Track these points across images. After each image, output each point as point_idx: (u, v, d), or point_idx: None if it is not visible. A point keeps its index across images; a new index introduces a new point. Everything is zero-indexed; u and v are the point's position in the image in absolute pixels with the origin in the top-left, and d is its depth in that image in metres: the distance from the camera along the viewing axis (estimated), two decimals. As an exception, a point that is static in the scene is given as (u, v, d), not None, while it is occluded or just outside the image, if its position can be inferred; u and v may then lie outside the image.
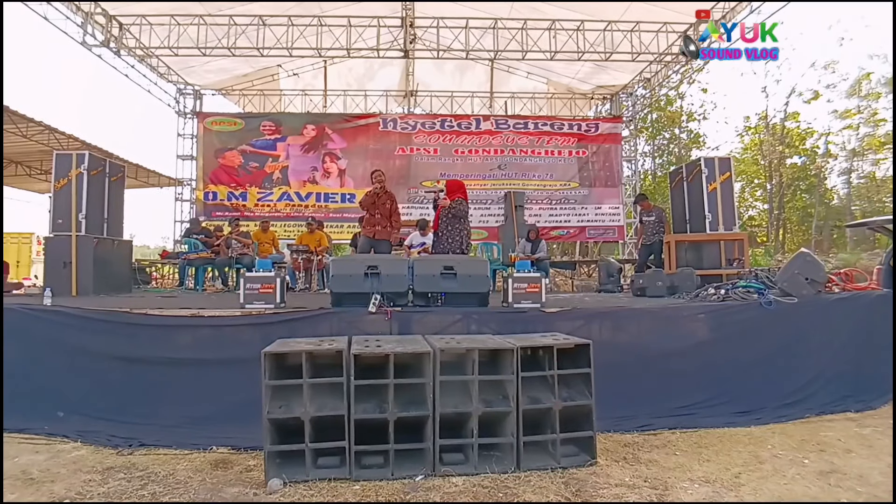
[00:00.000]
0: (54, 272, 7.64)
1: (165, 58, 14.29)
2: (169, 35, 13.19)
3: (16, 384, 5.24)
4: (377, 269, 5.34)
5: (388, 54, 14.15)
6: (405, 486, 3.74)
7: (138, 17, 12.98)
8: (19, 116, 11.02)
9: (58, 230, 7.78)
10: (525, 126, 16.05)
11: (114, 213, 8.46)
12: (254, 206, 15.42)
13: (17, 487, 3.76)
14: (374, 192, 7.99)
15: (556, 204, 15.92)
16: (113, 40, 12.99)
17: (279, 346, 4.05)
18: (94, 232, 7.93)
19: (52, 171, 8.04)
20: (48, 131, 12.03)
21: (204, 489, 3.73)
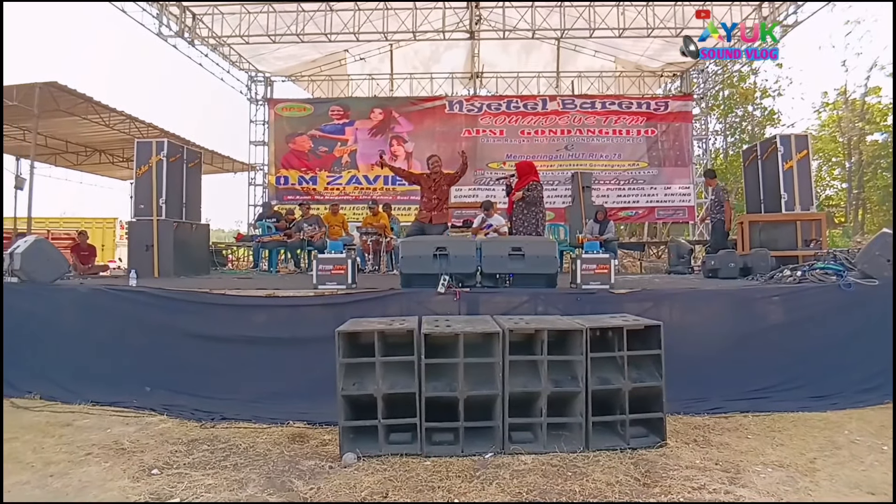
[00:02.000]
0: (137, 255, 8.08)
1: (237, 46, 14.79)
2: (240, 23, 13.64)
3: (106, 360, 5.65)
4: (446, 251, 5.41)
5: (453, 36, 14.11)
6: (475, 462, 3.79)
7: (210, 6, 13.46)
8: (102, 107, 11.64)
9: (140, 215, 8.22)
10: (592, 105, 15.69)
11: (191, 197, 8.86)
12: (324, 190, 15.80)
13: (111, 456, 4.04)
14: (428, 174, 7.90)
15: (624, 184, 15.54)
16: (187, 30, 13.54)
17: (352, 326, 4.18)
18: (174, 216, 8.33)
19: (134, 159, 8.48)
20: (129, 120, 12.66)
21: (282, 461, 3.91)
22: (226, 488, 3.45)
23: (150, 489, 3.44)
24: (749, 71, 25.06)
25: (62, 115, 11.45)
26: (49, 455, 4.04)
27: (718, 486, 3.38)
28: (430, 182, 7.78)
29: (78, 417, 4.95)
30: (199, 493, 3.39)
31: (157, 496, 3.35)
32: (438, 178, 7.78)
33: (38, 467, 3.82)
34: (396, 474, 3.61)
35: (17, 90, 10.00)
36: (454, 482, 3.50)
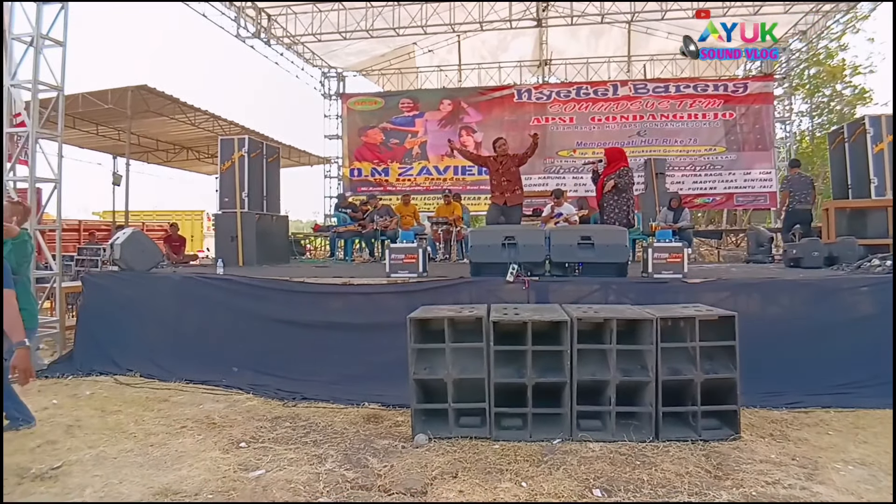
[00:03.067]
0: (223, 245, 8.55)
1: (310, 44, 15.28)
2: (312, 22, 14.09)
3: (198, 342, 6.12)
4: (514, 240, 5.46)
5: (520, 24, 14.02)
6: (543, 448, 3.86)
7: (284, 6, 13.97)
8: (188, 107, 12.32)
9: (225, 207, 8.69)
10: (666, 90, 15.20)
11: (271, 190, 9.28)
12: (395, 181, 16.12)
13: (203, 430, 4.39)
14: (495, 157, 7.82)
15: (700, 170, 15.00)
16: (263, 31, 14.14)
17: (423, 313, 4.32)
18: (256, 208, 8.75)
19: (218, 155, 8.97)
20: (212, 119, 13.33)
21: (358, 439, 4.12)
22: (306, 462, 3.69)
23: (239, 460, 3.73)
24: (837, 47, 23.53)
25: (152, 115, 12.21)
26: (149, 427, 4.45)
27: (794, 482, 3.30)
28: (498, 164, 7.74)
29: (174, 394, 5.40)
30: (283, 465, 3.65)
31: (244, 467, 3.62)
32: (506, 161, 7.72)
33: (140, 437, 4.21)
34: (466, 456, 3.74)
35: (112, 94, 10.74)
36: (522, 465, 3.58)
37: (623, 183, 7.21)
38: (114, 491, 3.30)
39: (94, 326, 6.54)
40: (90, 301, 6.71)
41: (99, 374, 6.04)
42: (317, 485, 3.34)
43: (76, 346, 6.54)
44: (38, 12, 6.64)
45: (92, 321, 6.58)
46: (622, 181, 7.20)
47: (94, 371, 6.09)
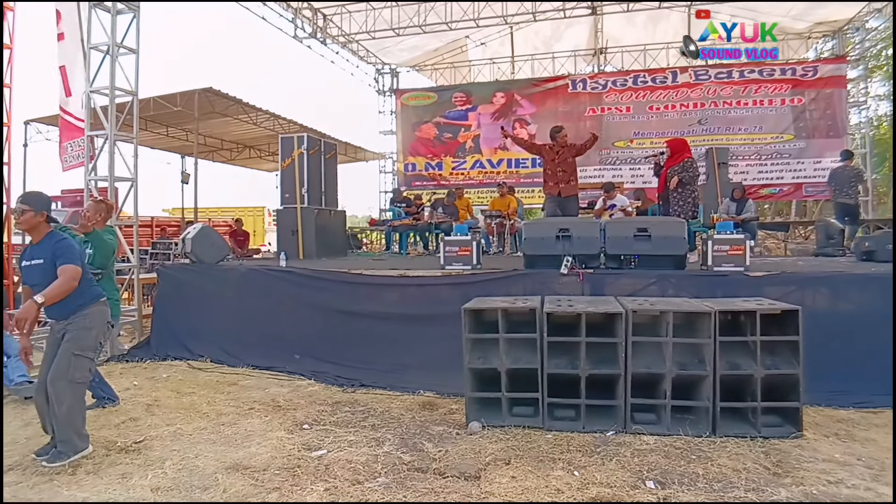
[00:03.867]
0: (285, 239, 8.83)
1: (364, 42, 15.54)
2: (366, 20, 14.35)
3: (262, 331, 6.42)
4: (569, 232, 5.46)
5: (574, 13, 13.84)
6: (596, 439, 3.89)
7: (339, 6, 14.26)
8: (250, 107, 12.72)
9: (286, 203, 8.97)
10: (728, 75, 14.64)
11: (329, 186, 9.51)
12: (449, 175, 16.21)
13: (269, 411, 4.67)
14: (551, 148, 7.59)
15: (766, 159, 14.38)
16: (319, 31, 14.48)
17: (477, 304, 4.40)
18: (315, 204, 9.00)
19: (279, 152, 9.26)
20: (273, 118, 13.72)
21: (414, 425, 4.28)
22: (365, 444, 3.87)
23: (302, 440, 3.96)
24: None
25: (217, 116, 12.69)
26: (220, 408, 4.76)
27: (858, 482, 3.21)
28: (554, 154, 7.50)
29: (241, 378, 5.73)
30: (343, 446, 3.84)
31: (308, 447, 3.83)
32: (563, 151, 7.48)
33: (213, 417, 4.53)
34: (519, 444, 3.82)
35: (180, 97, 11.23)
36: (574, 455, 3.63)
37: (688, 176, 7.06)
38: (190, 464, 3.57)
39: (168, 315, 6.97)
40: (164, 292, 7.14)
41: (173, 359, 6.47)
42: (375, 465, 3.51)
43: (152, 334, 7.00)
44: (113, 22, 7.04)
45: (166, 310, 7.01)
46: (687, 174, 7.05)
47: (169, 356, 6.52)
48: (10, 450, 3.81)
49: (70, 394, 3.54)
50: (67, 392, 3.52)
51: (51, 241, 3.59)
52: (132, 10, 7.21)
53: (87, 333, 3.62)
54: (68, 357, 3.53)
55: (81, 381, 3.64)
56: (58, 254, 3.52)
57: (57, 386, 3.50)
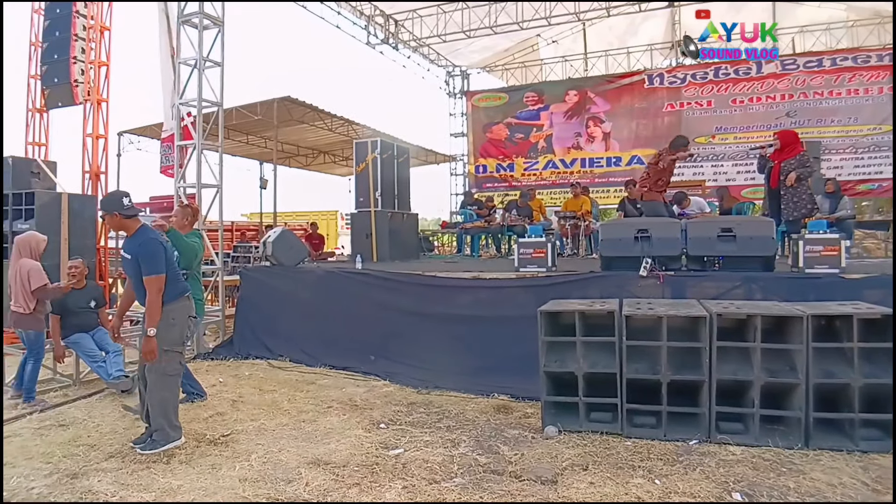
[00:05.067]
0: (359, 242, 9.03)
1: (435, 45, 15.66)
2: (437, 24, 14.47)
3: (339, 331, 6.58)
4: (648, 233, 5.29)
5: (650, 6, 13.44)
6: (678, 448, 3.76)
7: (410, 11, 14.47)
8: (325, 114, 13.08)
9: (360, 207, 9.17)
10: (819, 64, 13.75)
11: (402, 189, 9.67)
12: (521, 176, 16.07)
13: (347, 410, 4.79)
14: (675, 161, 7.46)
15: (863, 152, 13.40)
16: (391, 36, 14.73)
17: (553, 306, 4.35)
18: (388, 207, 9.16)
19: (353, 157, 9.47)
20: (347, 123, 14.07)
21: (489, 428, 4.27)
22: (441, 445, 3.90)
23: (380, 439, 4.04)
24: None
25: (294, 123, 13.15)
26: (300, 405, 4.94)
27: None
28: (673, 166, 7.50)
29: (319, 378, 5.92)
30: (419, 446, 3.89)
31: (385, 445, 3.91)
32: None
33: (294, 414, 4.70)
34: (596, 450, 3.74)
35: (260, 106, 11.68)
36: (655, 463, 3.53)
37: (806, 172, 6.73)
38: (274, 458, 3.72)
39: (249, 316, 7.27)
40: (246, 293, 7.45)
41: (255, 357, 6.74)
42: (451, 466, 3.53)
43: (235, 333, 7.31)
44: (200, 38, 7.41)
45: (248, 311, 7.32)
46: (805, 170, 6.72)
47: (251, 355, 6.80)
48: (110, 439, 4.09)
49: (163, 385, 3.78)
50: (160, 384, 3.77)
51: (137, 238, 3.82)
52: (217, 26, 7.56)
53: (171, 329, 3.82)
54: (159, 353, 3.74)
55: (173, 374, 3.87)
56: (141, 259, 3.74)
57: (151, 378, 3.77)
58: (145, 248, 3.77)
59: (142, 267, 3.72)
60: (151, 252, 3.76)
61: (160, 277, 3.73)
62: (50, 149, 9.88)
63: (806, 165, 6.75)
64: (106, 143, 9.51)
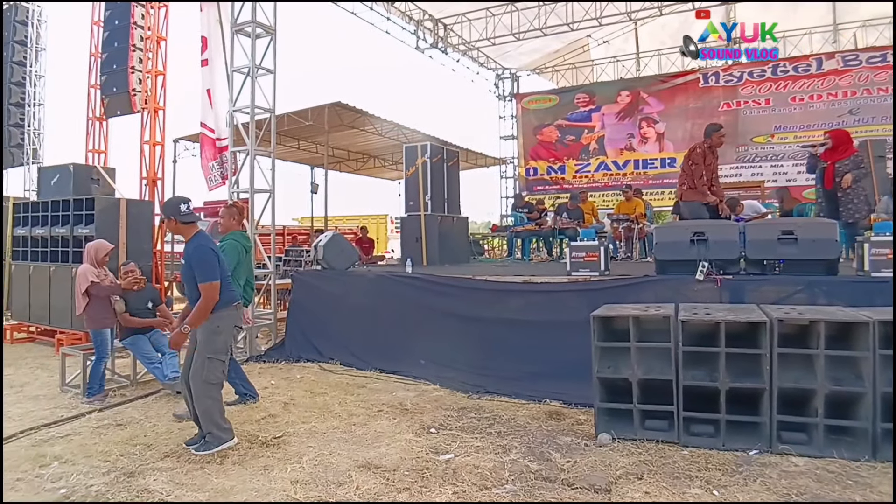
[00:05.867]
0: (409, 245, 9.07)
1: (484, 48, 15.71)
2: (486, 27, 14.51)
3: (389, 335, 6.62)
4: (704, 236, 5.13)
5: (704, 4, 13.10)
6: (737, 458, 3.63)
7: (459, 15, 14.55)
8: (375, 118, 13.23)
9: (410, 210, 9.21)
10: (883, 59, 13.08)
11: (452, 193, 9.67)
12: (572, 178, 15.93)
13: (397, 414, 4.80)
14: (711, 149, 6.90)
15: (931, 150, 12.76)
16: (440, 41, 14.85)
17: (606, 311, 4.26)
18: (438, 211, 9.17)
19: (403, 161, 9.54)
20: (397, 128, 14.18)
21: (540, 434, 4.21)
22: (492, 451, 3.87)
23: (430, 444, 4.04)
24: None
25: (345, 128, 13.34)
26: (351, 408, 4.98)
27: None
28: (712, 157, 6.88)
29: (369, 381, 5.96)
30: (470, 451, 3.87)
31: (435, 450, 3.90)
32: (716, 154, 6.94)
33: (344, 417, 4.75)
34: (652, 459, 3.65)
35: (311, 112, 11.90)
36: (713, 474, 3.42)
37: (861, 173, 6.46)
38: (325, 460, 3.76)
39: (300, 319, 7.40)
40: (298, 296, 7.59)
41: (306, 360, 6.85)
42: (502, 472, 3.50)
43: (286, 336, 7.45)
44: (253, 46, 7.61)
45: (299, 314, 7.45)
46: (861, 171, 6.47)
47: (302, 358, 6.92)
48: (165, 439, 4.22)
49: (205, 393, 3.86)
50: (203, 391, 3.85)
51: (191, 243, 3.95)
52: (269, 34, 7.75)
53: (216, 338, 3.91)
54: (202, 360, 3.85)
55: (215, 382, 3.92)
56: (193, 264, 3.85)
57: (194, 385, 3.86)
58: (197, 254, 3.88)
59: (195, 273, 3.83)
60: (203, 259, 3.86)
61: (213, 285, 3.82)
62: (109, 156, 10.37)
63: (861, 167, 6.51)
64: (162, 150, 9.91)
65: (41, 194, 8.97)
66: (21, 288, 8.69)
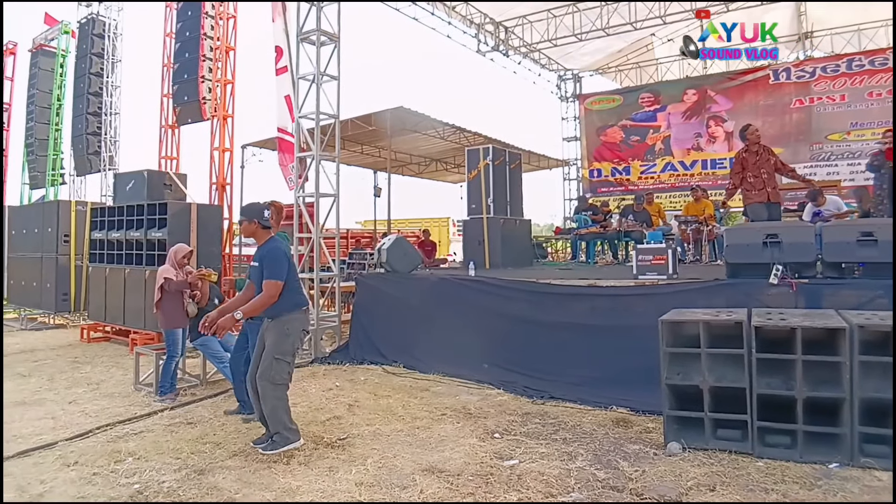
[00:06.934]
0: (471, 249, 9.10)
1: (546, 50, 15.58)
2: (547, 28, 14.41)
3: (452, 339, 6.60)
4: (778, 238, 4.91)
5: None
6: (815, 471, 3.47)
7: (520, 17, 14.50)
8: (438, 122, 13.30)
9: (472, 214, 9.23)
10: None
11: (514, 195, 9.63)
12: (637, 180, 15.59)
13: (461, 418, 4.81)
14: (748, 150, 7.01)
15: None
16: (501, 43, 14.85)
17: (675, 316, 4.15)
18: (500, 213, 9.16)
19: (465, 164, 9.57)
20: (458, 131, 14.23)
21: (607, 441, 4.13)
22: (557, 458, 3.83)
23: (494, 449, 4.03)
24: None
25: (407, 132, 13.49)
26: (414, 412, 5.02)
27: None
28: (756, 157, 6.93)
29: (432, 384, 6.00)
30: (534, 458, 3.84)
31: (499, 456, 3.89)
32: (763, 152, 6.94)
33: (408, 420, 4.79)
34: (725, 470, 3.53)
35: (374, 117, 12.08)
36: (790, 487, 3.28)
37: None
38: (389, 463, 3.81)
39: (364, 321, 7.53)
40: (361, 299, 7.73)
41: (369, 363, 6.97)
42: (568, 480, 3.46)
43: (350, 339, 7.60)
44: (318, 54, 7.82)
45: (363, 317, 7.58)
46: None
47: (365, 360, 7.05)
48: (234, 438, 4.37)
49: (272, 393, 3.95)
50: (269, 391, 3.94)
51: (266, 246, 4.07)
52: (333, 42, 7.94)
53: (285, 339, 4.01)
54: (270, 360, 3.95)
55: (281, 383, 4.01)
56: (265, 264, 3.96)
57: (261, 386, 3.95)
58: (272, 253, 4.00)
59: (264, 270, 3.93)
60: (277, 258, 3.99)
61: (278, 284, 3.93)
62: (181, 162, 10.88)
63: None
64: (231, 156, 10.33)
65: (117, 199, 9.41)
66: (97, 289, 9.15)
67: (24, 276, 11.23)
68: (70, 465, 3.79)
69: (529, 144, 18.36)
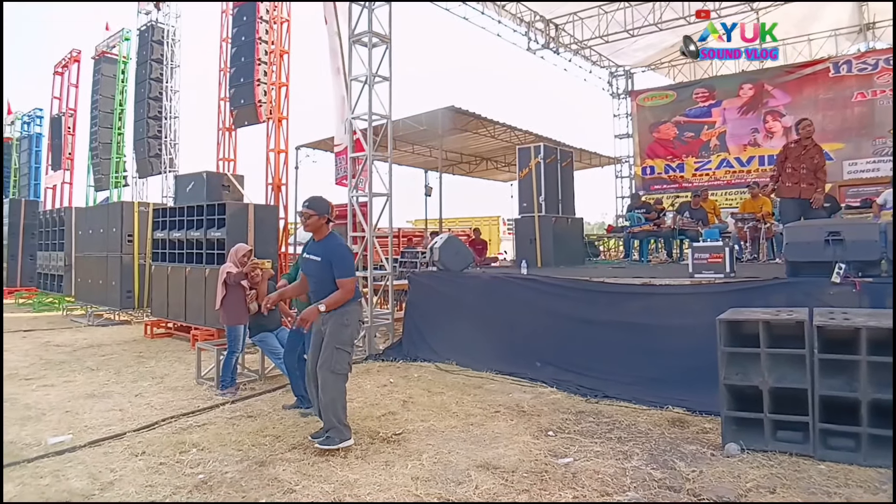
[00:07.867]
0: (523, 247, 9.09)
1: (597, 46, 15.42)
2: (598, 25, 14.25)
3: (505, 337, 6.68)
4: (840, 235, 4.76)
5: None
6: (881, 475, 3.37)
7: (570, 15, 14.39)
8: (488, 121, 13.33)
9: (523, 212, 9.23)
10: None
11: (566, 194, 9.57)
12: (691, 177, 15.26)
13: (514, 416, 4.84)
14: (797, 143, 6.93)
15: None
16: (551, 41, 14.75)
17: (733, 315, 4.09)
18: (552, 212, 9.12)
19: (517, 163, 9.56)
20: (509, 130, 14.23)
21: (663, 441, 4.10)
22: (612, 457, 3.83)
23: (548, 447, 4.05)
24: None
25: (458, 132, 13.58)
26: (468, 409, 5.07)
27: None
28: (800, 149, 6.83)
29: (485, 382, 6.04)
30: (589, 456, 3.85)
31: (553, 454, 3.91)
32: (809, 146, 6.80)
33: (462, 417, 4.85)
34: (785, 472, 3.46)
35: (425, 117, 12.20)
36: (854, 491, 3.21)
37: None
38: (444, 458, 3.88)
39: (417, 319, 7.63)
40: (414, 297, 7.84)
41: (422, 360, 7.06)
42: (623, 479, 3.46)
43: (403, 336, 7.71)
44: (369, 55, 7.96)
45: (415, 314, 7.69)
46: None
47: (419, 358, 7.13)
48: (292, 431, 4.51)
49: (332, 383, 4.05)
50: (330, 381, 4.04)
51: (329, 242, 4.17)
52: (385, 43, 8.07)
53: (344, 330, 4.11)
54: (331, 350, 4.05)
55: (342, 373, 4.11)
56: (335, 261, 4.06)
57: (322, 375, 4.05)
58: (340, 252, 4.12)
59: (335, 269, 4.04)
60: (345, 255, 4.13)
61: (353, 280, 4.08)
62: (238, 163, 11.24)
63: None
64: (286, 157, 10.63)
65: (177, 200, 9.79)
66: (160, 287, 9.54)
67: (91, 275, 11.78)
68: (138, 455, 3.98)
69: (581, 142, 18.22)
